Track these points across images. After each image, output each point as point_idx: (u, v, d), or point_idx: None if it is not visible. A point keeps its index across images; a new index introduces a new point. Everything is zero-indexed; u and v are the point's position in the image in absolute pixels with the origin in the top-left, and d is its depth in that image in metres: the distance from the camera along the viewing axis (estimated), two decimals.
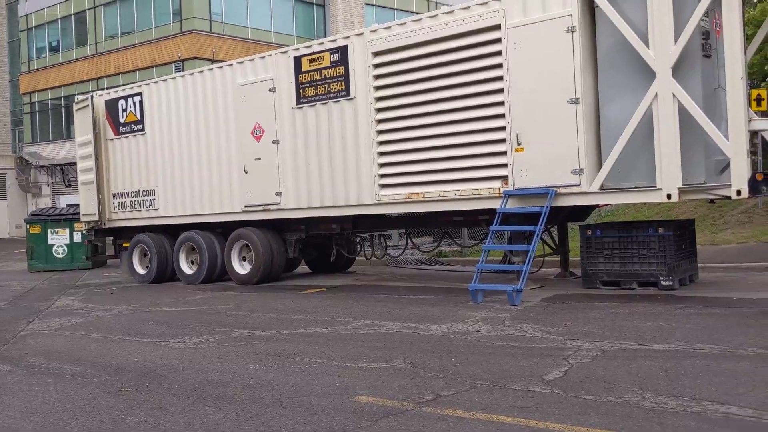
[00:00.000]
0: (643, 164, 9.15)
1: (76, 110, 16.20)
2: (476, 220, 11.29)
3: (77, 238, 20.48)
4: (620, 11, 9.19)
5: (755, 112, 11.69)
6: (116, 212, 15.37)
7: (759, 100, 13.96)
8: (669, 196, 8.92)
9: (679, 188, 8.84)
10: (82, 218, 16.23)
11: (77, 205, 17.95)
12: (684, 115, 8.81)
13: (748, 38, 10.58)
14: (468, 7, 10.47)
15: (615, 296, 9.28)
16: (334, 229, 12.75)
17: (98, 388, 6.07)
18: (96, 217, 15.49)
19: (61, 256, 20.60)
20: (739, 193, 8.56)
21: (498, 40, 10.03)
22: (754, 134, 9.24)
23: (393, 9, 38.75)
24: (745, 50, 9.37)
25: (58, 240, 20.64)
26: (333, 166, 11.86)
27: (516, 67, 9.87)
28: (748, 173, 8.57)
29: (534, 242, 9.43)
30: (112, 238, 16.40)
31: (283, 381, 5.89)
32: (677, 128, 8.83)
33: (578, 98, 9.41)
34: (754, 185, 8.61)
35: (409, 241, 13.85)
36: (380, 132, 11.29)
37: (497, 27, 10.02)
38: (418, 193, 10.96)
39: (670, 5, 8.82)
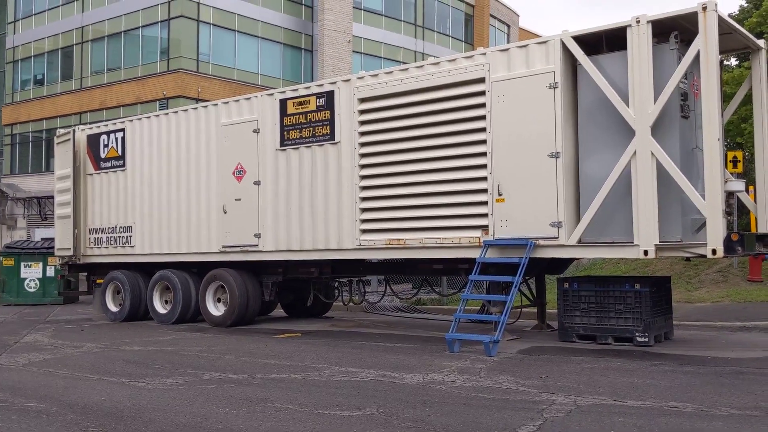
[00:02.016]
0: (621, 220, 9.25)
1: (57, 143, 16.12)
2: (456, 269, 11.30)
3: (50, 272, 20.20)
4: (602, 70, 9.40)
5: (731, 174, 11.93)
6: (92, 248, 15.19)
7: (735, 162, 14.26)
8: (646, 253, 9.00)
9: (655, 245, 8.93)
10: (57, 252, 16.02)
11: (52, 239, 17.74)
12: (662, 174, 8.95)
13: (726, 98, 10.83)
14: (454, 60, 10.66)
15: (591, 350, 9.26)
16: (313, 272, 12.67)
17: (63, 426, 5.92)
18: (71, 252, 15.30)
19: (33, 290, 20.27)
20: (714, 252, 8.65)
21: (482, 93, 10.19)
22: (729, 195, 9.41)
23: (380, 58, 39.27)
24: (723, 112, 9.60)
25: (31, 274, 20.33)
26: (314, 209, 11.85)
27: (499, 119, 10.01)
28: (724, 233, 8.69)
29: (512, 293, 9.43)
30: (86, 273, 16.17)
31: (254, 426, 5.78)
32: (655, 186, 8.96)
33: (558, 152, 9.54)
34: (729, 245, 8.72)
35: (387, 287, 13.79)
36: (363, 177, 11.33)
37: (482, 80, 10.19)
38: (399, 240, 10.97)
39: (650, 66, 9.04)
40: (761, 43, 10.48)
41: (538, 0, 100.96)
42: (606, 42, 9.60)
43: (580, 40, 9.58)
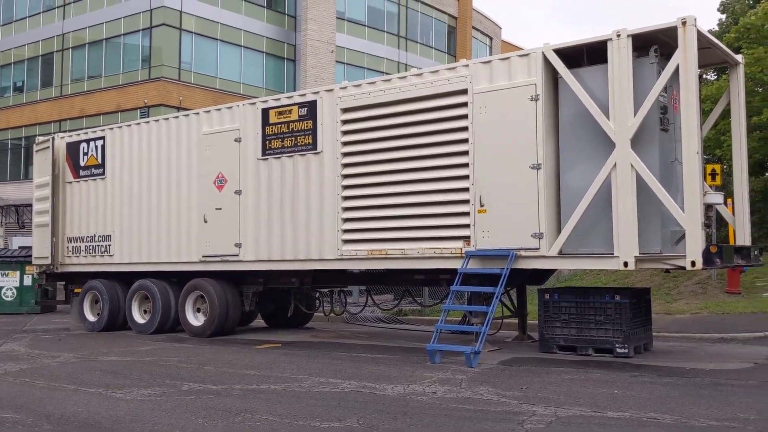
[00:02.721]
0: (601, 231, 9.30)
1: (36, 151, 15.96)
2: (437, 279, 11.29)
3: (27, 281, 19.95)
4: (582, 83, 9.47)
5: (710, 186, 12.06)
6: (70, 257, 15.03)
7: (713, 175, 14.42)
8: (626, 264, 9.04)
9: (635, 256, 8.98)
10: (34, 261, 15.83)
11: (30, 248, 17.53)
12: (642, 186, 9.02)
13: (704, 113, 10.96)
14: (437, 71, 10.69)
15: (571, 361, 9.29)
16: (294, 283, 12.61)
17: None
18: (48, 261, 15.13)
19: (9, 299, 20.00)
20: (693, 264, 8.72)
21: (464, 104, 10.23)
22: (708, 207, 9.50)
23: (363, 68, 39.36)
24: (702, 126, 9.71)
25: (8, 282, 20.07)
26: (296, 219, 11.81)
27: (481, 130, 10.05)
28: (703, 245, 8.76)
29: (493, 304, 9.44)
30: (63, 283, 15.99)
31: None
32: (635, 198, 9.02)
33: (540, 164, 9.58)
34: (708, 257, 8.79)
35: (369, 298, 13.76)
36: (345, 187, 11.31)
37: (464, 91, 10.23)
38: (380, 250, 10.95)
39: (631, 80, 9.12)
40: (739, 58, 10.62)
41: (521, 13, 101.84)
42: (587, 55, 9.68)
43: (561, 53, 9.65)
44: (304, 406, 6.85)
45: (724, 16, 31.83)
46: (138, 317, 13.92)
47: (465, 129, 10.21)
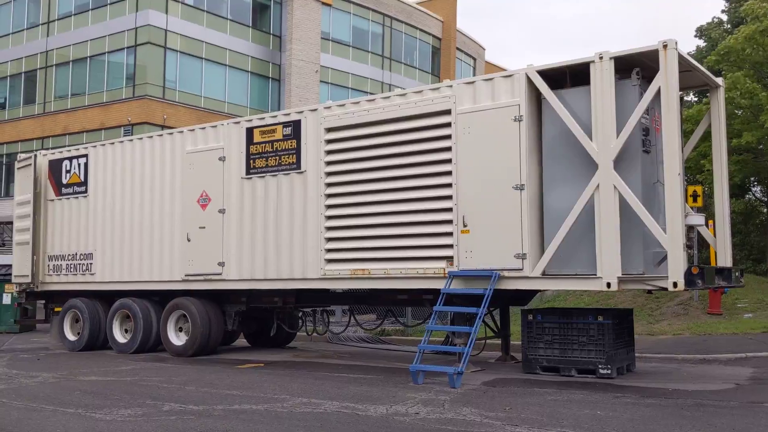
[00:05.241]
0: (584, 252, 9.34)
1: (18, 168, 15.84)
2: (420, 299, 11.28)
3: (7, 300, 19.71)
4: (565, 104, 9.55)
5: (691, 208, 12.17)
6: (51, 275, 14.87)
7: (695, 196, 14.57)
8: (608, 285, 9.08)
9: (618, 277, 9.02)
10: (14, 279, 15.65)
11: (9, 266, 17.32)
12: (624, 207, 9.08)
13: (685, 135, 11.09)
14: (420, 91, 10.75)
15: (554, 382, 9.28)
16: (277, 302, 12.55)
17: None
18: (29, 279, 14.96)
19: None
20: (675, 285, 8.77)
21: (448, 125, 10.28)
22: (690, 229, 9.58)
23: (347, 88, 39.48)
24: (683, 147, 9.82)
25: None
26: (279, 238, 11.77)
27: (464, 151, 10.10)
28: (685, 266, 8.82)
29: (476, 324, 9.43)
30: (43, 301, 15.80)
31: None
32: (617, 219, 9.08)
33: (523, 185, 9.63)
34: (689, 278, 8.85)
35: (352, 317, 13.71)
36: (329, 207, 11.31)
37: (448, 112, 10.29)
38: (363, 270, 10.93)
39: (613, 101, 9.22)
40: (719, 80, 10.77)
41: (504, 35, 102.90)
42: (570, 77, 9.78)
43: (544, 74, 9.74)
44: (286, 427, 6.79)
45: (701, 42, 32.33)
46: (119, 336, 13.77)
47: (448, 149, 10.25)
